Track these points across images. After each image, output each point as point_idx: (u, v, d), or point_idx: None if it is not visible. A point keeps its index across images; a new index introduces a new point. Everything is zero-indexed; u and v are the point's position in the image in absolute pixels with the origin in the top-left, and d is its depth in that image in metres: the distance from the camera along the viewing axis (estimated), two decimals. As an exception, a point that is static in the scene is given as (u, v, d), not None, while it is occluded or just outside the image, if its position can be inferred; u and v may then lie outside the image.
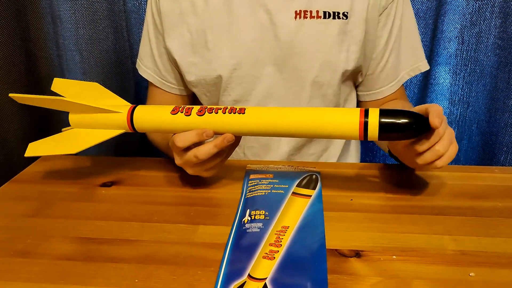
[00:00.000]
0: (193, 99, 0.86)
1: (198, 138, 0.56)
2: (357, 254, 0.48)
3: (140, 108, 0.60)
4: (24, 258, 0.49)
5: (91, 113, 0.61)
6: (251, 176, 0.65)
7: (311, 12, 0.71)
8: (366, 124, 0.51)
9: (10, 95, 0.61)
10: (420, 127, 0.52)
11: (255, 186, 0.61)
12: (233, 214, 0.56)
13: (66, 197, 0.62)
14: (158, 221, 0.56)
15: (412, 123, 0.51)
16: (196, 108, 0.57)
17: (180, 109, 0.58)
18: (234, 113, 0.56)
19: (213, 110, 0.56)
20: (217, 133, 0.57)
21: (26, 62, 0.93)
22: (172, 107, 0.58)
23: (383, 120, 0.51)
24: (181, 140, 0.56)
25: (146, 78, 0.82)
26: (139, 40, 1.01)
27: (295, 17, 0.71)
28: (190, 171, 0.60)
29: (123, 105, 0.62)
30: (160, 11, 0.75)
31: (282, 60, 0.73)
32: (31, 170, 0.71)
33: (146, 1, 0.98)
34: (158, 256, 0.49)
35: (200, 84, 0.77)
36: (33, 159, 0.75)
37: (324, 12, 0.72)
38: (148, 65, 0.81)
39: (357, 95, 0.84)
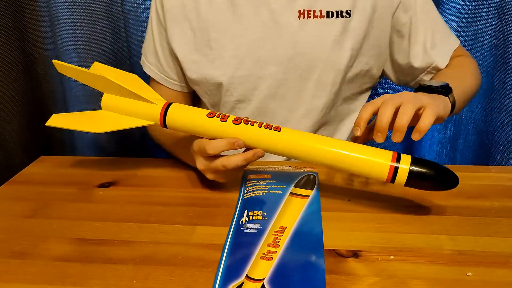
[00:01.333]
0: (194, 98, 0.86)
1: (229, 147, 0.56)
2: (355, 254, 0.48)
3: (175, 105, 0.60)
4: (22, 259, 0.49)
5: (126, 98, 0.60)
6: (249, 177, 0.65)
7: (314, 11, 0.72)
8: (396, 170, 0.51)
9: (54, 61, 0.61)
10: (448, 183, 0.52)
11: (253, 187, 0.62)
12: (231, 214, 0.56)
13: (64, 198, 0.62)
14: (156, 222, 0.56)
15: (440, 177, 0.52)
16: (232, 116, 0.57)
17: (217, 114, 0.57)
18: (270, 129, 0.56)
19: (249, 122, 0.56)
20: (247, 146, 0.57)
21: (24, 62, 0.93)
22: (208, 110, 0.58)
23: (413, 168, 0.51)
24: (213, 148, 0.56)
25: (148, 74, 0.82)
26: (137, 41, 1.01)
27: (299, 17, 0.71)
28: (210, 176, 0.60)
29: (159, 99, 0.61)
30: (163, 6, 0.75)
31: (285, 60, 0.73)
32: (29, 171, 0.71)
33: (144, 2, 0.98)
34: (156, 257, 0.49)
35: (202, 82, 0.76)
36: (31, 159, 0.75)
37: (327, 12, 0.72)
38: (151, 61, 0.81)
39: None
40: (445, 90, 0.62)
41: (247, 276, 0.44)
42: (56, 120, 0.63)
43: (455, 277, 0.45)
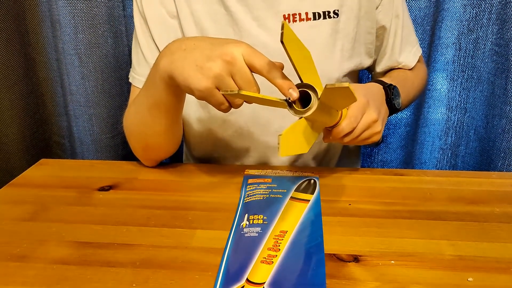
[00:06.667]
0: None
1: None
2: (355, 258, 0.48)
3: None
4: (21, 262, 0.49)
5: None
6: (250, 181, 0.65)
7: (300, 14, 0.69)
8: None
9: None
10: None
11: (254, 191, 0.61)
12: (231, 218, 0.56)
13: (63, 201, 0.62)
14: (156, 226, 0.55)
15: None
16: None
17: None
18: None
19: None
20: None
21: (25, 66, 0.93)
22: None
23: None
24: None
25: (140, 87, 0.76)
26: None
27: None
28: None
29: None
30: (144, 14, 0.73)
31: None
32: (29, 174, 0.71)
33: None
34: (156, 261, 0.48)
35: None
36: (31, 163, 0.75)
37: (314, 14, 0.69)
38: (140, 72, 0.75)
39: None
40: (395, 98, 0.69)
41: (247, 280, 0.44)
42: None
43: (455, 282, 0.45)
